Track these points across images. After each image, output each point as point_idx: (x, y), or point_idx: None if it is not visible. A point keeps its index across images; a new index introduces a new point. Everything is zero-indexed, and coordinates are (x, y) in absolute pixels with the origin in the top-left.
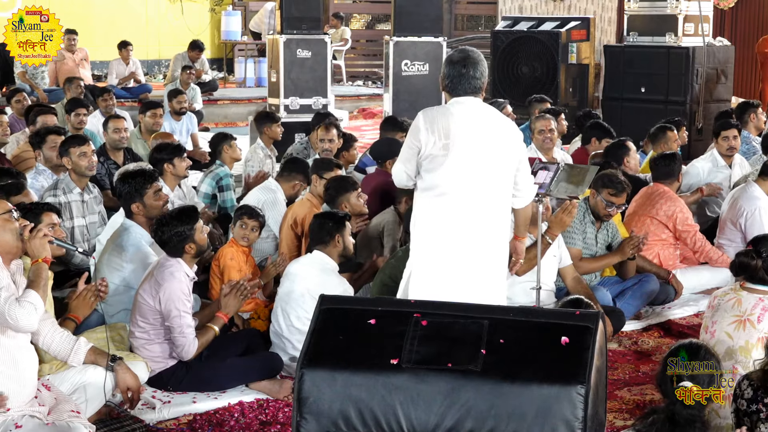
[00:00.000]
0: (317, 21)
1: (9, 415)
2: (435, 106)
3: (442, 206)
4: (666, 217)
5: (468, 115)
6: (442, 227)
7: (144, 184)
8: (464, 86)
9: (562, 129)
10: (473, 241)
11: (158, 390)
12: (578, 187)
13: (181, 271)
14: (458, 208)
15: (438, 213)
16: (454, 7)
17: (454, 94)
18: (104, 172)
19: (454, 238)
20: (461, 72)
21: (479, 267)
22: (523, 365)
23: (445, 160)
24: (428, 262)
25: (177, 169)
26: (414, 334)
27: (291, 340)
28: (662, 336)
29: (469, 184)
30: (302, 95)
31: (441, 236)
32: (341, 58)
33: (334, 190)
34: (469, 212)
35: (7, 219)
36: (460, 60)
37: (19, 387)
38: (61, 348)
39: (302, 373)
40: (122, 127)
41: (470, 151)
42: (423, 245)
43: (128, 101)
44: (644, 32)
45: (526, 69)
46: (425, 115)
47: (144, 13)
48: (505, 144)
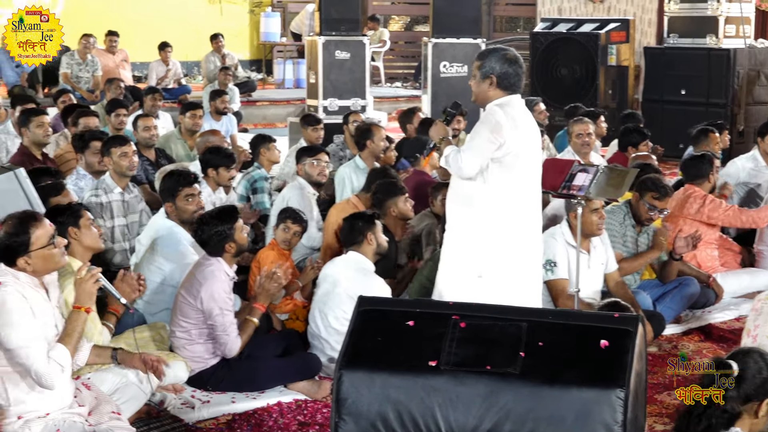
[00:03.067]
0: (356, 22)
1: (50, 419)
2: (502, 103)
3: (516, 206)
4: (699, 213)
5: (527, 115)
6: (517, 227)
7: (177, 186)
8: (519, 85)
9: (602, 132)
10: (534, 241)
11: (198, 390)
12: (617, 190)
13: (222, 270)
14: (525, 208)
15: (513, 212)
16: (492, 8)
17: (510, 92)
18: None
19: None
20: (517, 71)
21: (536, 267)
22: (562, 368)
23: (519, 160)
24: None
25: (220, 177)
26: (453, 336)
27: (329, 341)
28: (702, 340)
29: (531, 185)
30: (341, 97)
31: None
32: (380, 60)
33: (381, 194)
34: (530, 213)
35: (51, 247)
36: (516, 59)
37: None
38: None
39: (341, 374)
40: (152, 125)
41: (533, 152)
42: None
43: (168, 102)
44: (685, 34)
45: (565, 71)
46: (505, 111)
47: (183, 15)
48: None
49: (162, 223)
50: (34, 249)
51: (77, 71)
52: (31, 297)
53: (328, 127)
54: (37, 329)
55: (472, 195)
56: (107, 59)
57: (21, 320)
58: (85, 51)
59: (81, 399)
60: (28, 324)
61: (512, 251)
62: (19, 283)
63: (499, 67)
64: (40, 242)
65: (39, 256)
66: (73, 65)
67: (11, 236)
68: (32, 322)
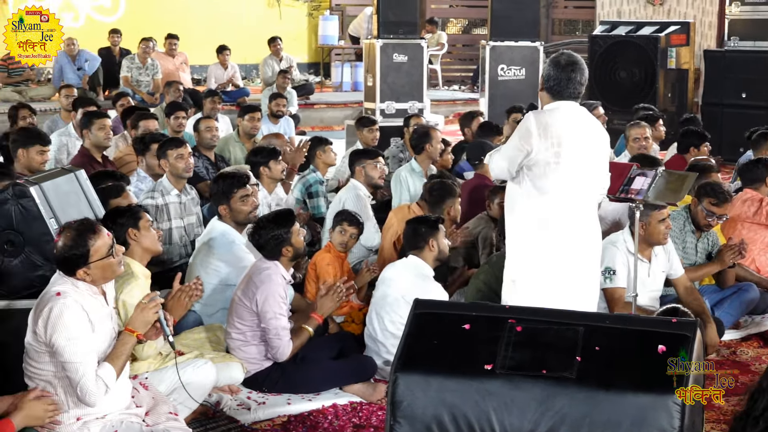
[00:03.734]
0: (414, 25)
1: (108, 420)
2: (543, 110)
3: (554, 213)
4: (757, 216)
5: (574, 122)
6: (553, 233)
7: (232, 187)
8: (570, 90)
9: (660, 135)
10: (580, 247)
11: (253, 391)
12: (676, 194)
13: (278, 274)
14: (569, 214)
15: (549, 219)
16: (551, 11)
17: (557, 98)
18: (201, 165)
19: (564, 245)
20: (570, 76)
21: (584, 273)
22: (618, 373)
23: (557, 167)
24: (536, 268)
25: (273, 172)
26: (508, 340)
27: (385, 344)
28: (762, 346)
29: (577, 192)
30: (398, 99)
31: (551, 242)
32: (437, 63)
33: (439, 194)
34: (577, 219)
35: (110, 257)
36: (570, 64)
37: (113, 392)
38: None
39: (396, 377)
40: (213, 126)
41: (579, 158)
42: (531, 250)
43: (226, 105)
44: (745, 37)
45: (624, 74)
46: (537, 119)
47: (243, 18)
48: (602, 150)
49: (215, 225)
50: (93, 260)
51: (137, 75)
52: (90, 306)
53: (386, 130)
54: (92, 344)
55: (512, 200)
56: (167, 62)
57: (78, 334)
58: (145, 55)
59: (138, 399)
60: (84, 339)
61: (547, 258)
62: (79, 292)
63: (551, 72)
64: (99, 254)
65: (98, 267)
66: (133, 69)
67: (70, 248)
68: (88, 336)
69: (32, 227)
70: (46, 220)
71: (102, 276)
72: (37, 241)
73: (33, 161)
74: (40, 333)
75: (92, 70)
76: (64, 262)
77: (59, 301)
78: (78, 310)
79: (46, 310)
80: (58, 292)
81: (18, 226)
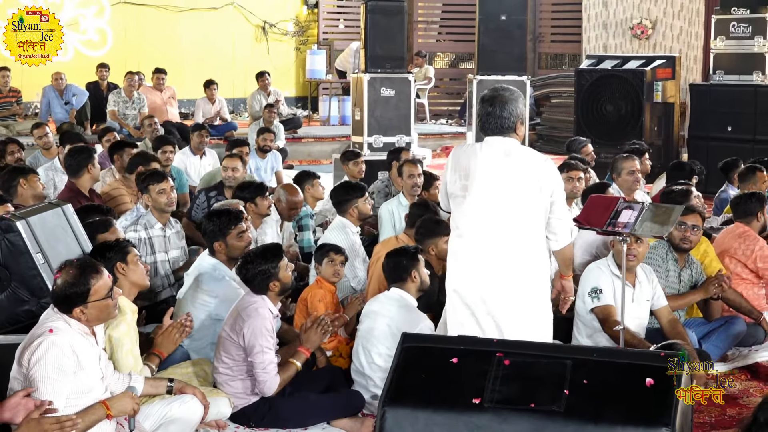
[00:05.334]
0: (401, 60)
1: None
2: (466, 144)
3: (462, 247)
4: (745, 256)
5: (492, 156)
6: (461, 268)
7: (228, 224)
8: (492, 125)
9: (646, 169)
10: (493, 281)
11: (240, 426)
12: (663, 227)
13: (266, 308)
14: (475, 249)
15: (458, 254)
16: (538, 45)
17: (483, 134)
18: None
19: (473, 279)
20: (488, 111)
21: (504, 307)
22: (607, 406)
23: (463, 201)
24: (453, 302)
25: (259, 208)
26: (496, 374)
27: (372, 377)
28: (749, 379)
29: (486, 226)
30: (386, 133)
31: (461, 277)
32: (425, 97)
33: (424, 230)
34: (486, 253)
35: (108, 299)
36: (489, 99)
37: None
38: (116, 389)
39: (384, 411)
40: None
41: (489, 193)
42: (449, 285)
43: (214, 139)
44: (730, 71)
45: (610, 107)
46: (454, 152)
47: (230, 52)
48: (530, 185)
49: (204, 259)
50: (92, 300)
51: (124, 108)
52: (80, 346)
53: (373, 163)
54: (67, 387)
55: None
56: (155, 96)
57: (57, 375)
58: (131, 88)
59: None
60: (62, 381)
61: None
62: (71, 331)
63: (476, 108)
64: (98, 294)
65: (95, 307)
66: (119, 102)
67: (71, 286)
68: (66, 379)
69: (19, 262)
70: (32, 255)
71: (97, 317)
72: (24, 276)
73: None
74: (24, 365)
75: (80, 105)
76: (62, 300)
77: (50, 337)
78: (67, 351)
79: (35, 343)
80: (51, 328)
81: (4, 260)
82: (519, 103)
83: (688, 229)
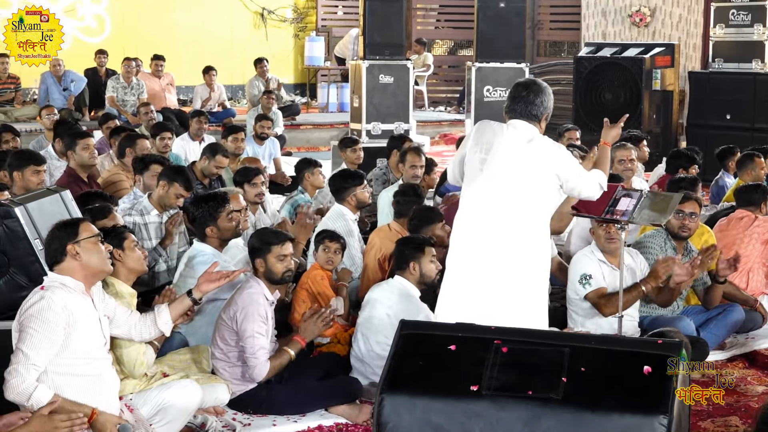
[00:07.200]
0: (400, 47)
1: None
2: (493, 122)
3: (472, 222)
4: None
5: (516, 139)
6: (467, 244)
7: (217, 208)
8: (521, 109)
9: (644, 156)
10: (496, 261)
11: (239, 412)
12: (662, 215)
13: (261, 294)
14: (484, 226)
15: (466, 229)
16: (536, 33)
17: (510, 116)
18: None
19: (476, 257)
20: (522, 94)
21: (501, 288)
22: (604, 394)
23: (479, 174)
24: (447, 275)
25: (247, 195)
26: (494, 361)
27: (371, 365)
28: (747, 367)
29: (496, 206)
30: (384, 120)
31: (466, 253)
32: (423, 84)
33: (418, 220)
34: (493, 233)
35: (94, 242)
36: (524, 84)
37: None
38: (144, 328)
39: (382, 398)
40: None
41: (505, 174)
42: (449, 259)
43: (212, 125)
44: (730, 59)
45: (609, 95)
46: (480, 125)
47: (229, 39)
48: (546, 175)
49: (197, 247)
50: (83, 238)
51: (122, 94)
52: (77, 305)
53: (371, 150)
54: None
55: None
56: (153, 83)
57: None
58: (129, 74)
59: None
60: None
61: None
62: (65, 289)
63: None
64: (88, 232)
65: (87, 248)
66: (118, 88)
67: (60, 228)
68: (50, 335)
69: (17, 248)
70: (30, 241)
71: (88, 261)
72: (22, 262)
73: (29, 182)
74: (16, 320)
75: (78, 91)
76: (53, 240)
77: (40, 292)
78: (56, 307)
79: (27, 298)
80: (43, 286)
81: (2, 246)
82: (551, 99)
83: (686, 217)
